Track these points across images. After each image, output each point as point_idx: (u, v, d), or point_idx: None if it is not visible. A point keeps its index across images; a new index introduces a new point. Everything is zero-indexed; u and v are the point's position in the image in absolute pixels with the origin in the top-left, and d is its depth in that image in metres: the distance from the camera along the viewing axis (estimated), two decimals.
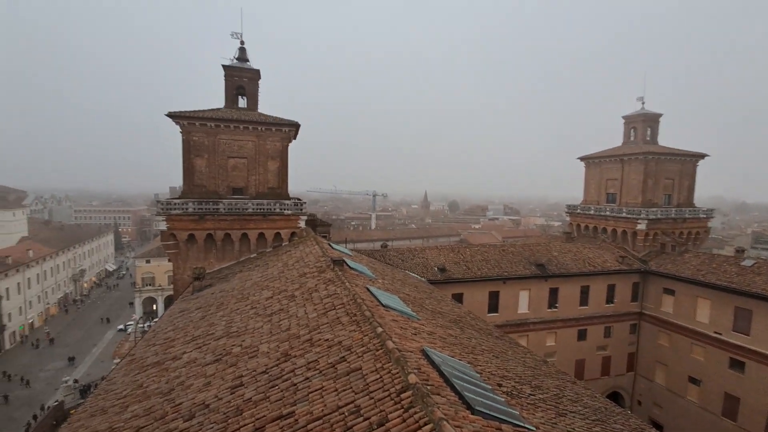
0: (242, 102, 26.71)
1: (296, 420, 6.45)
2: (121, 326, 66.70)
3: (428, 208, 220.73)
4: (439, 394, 6.22)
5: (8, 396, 48.96)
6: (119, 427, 8.43)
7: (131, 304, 71.43)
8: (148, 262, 70.46)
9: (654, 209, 34.48)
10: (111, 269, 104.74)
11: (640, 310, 33.29)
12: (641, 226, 34.08)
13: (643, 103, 39.42)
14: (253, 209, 24.38)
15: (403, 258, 27.34)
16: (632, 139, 40.02)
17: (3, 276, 59.66)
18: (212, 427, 7.11)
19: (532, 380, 10.92)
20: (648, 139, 39.11)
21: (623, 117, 40.88)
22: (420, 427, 5.30)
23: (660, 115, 39.20)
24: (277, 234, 24.95)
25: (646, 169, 35.26)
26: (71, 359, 57.77)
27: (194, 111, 24.27)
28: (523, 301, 29.92)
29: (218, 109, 25.51)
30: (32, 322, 67.24)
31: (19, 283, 63.66)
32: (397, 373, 6.67)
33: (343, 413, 6.15)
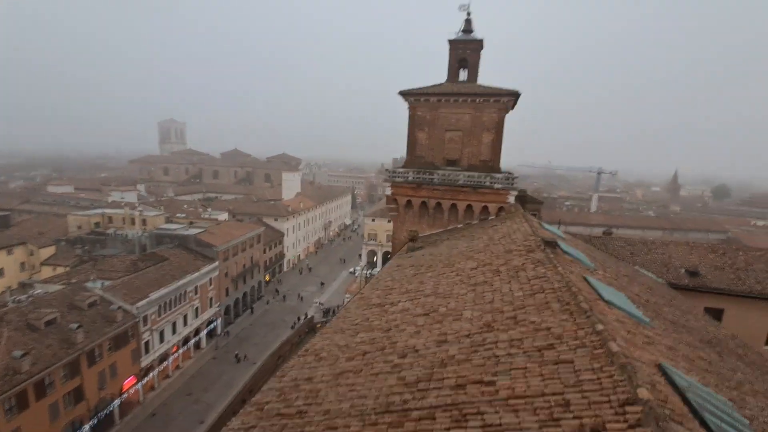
0: (463, 75, 27.19)
1: (497, 390, 6.48)
2: (352, 270, 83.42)
3: (677, 192, 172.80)
4: (682, 424, 4.95)
5: (285, 297, 70.40)
6: (352, 347, 10.66)
7: (360, 256, 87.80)
8: (373, 221, 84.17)
9: None
10: (347, 223, 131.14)
11: None
12: None
13: None
14: (464, 181, 25.09)
15: (633, 250, 22.66)
16: None
17: (286, 219, 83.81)
18: (420, 370, 8.03)
19: None
20: None
21: None
22: None
23: None
24: (485, 207, 24.97)
25: None
26: (322, 284, 77.70)
27: (420, 88, 26.38)
28: None
29: (440, 84, 26.86)
30: (299, 255, 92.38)
31: (293, 226, 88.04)
32: (622, 381, 5.67)
33: (549, 402, 5.76)
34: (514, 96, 24.29)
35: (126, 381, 39.10)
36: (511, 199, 24.61)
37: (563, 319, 8.23)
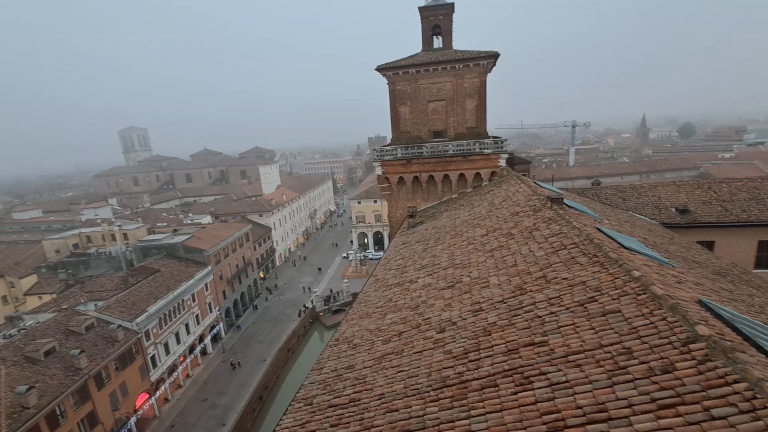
0: (438, 42, 26.63)
1: (552, 349, 6.60)
2: (345, 255, 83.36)
3: (646, 136, 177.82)
4: (744, 353, 5.15)
5: (283, 290, 70.39)
6: (384, 329, 10.67)
7: (351, 242, 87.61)
8: (359, 203, 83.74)
9: None
10: (332, 209, 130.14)
11: None
12: None
13: None
14: (453, 151, 24.99)
15: (624, 196, 23.30)
16: None
17: (271, 213, 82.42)
18: (465, 341, 8.10)
19: None
20: None
21: None
22: (727, 384, 4.55)
23: None
24: (477, 174, 25.05)
25: None
26: (319, 269, 78.94)
27: (396, 61, 25.74)
28: None
29: (416, 55, 26.26)
30: (290, 247, 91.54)
31: (279, 219, 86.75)
32: (676, 321, 5.84)
33: (610, 352, 5.89)
34: (493, 57, 24.01)
35: (138, 397, 38.61)
36: (502, 163, 24.72)
37: (595, 272, 8.38)
